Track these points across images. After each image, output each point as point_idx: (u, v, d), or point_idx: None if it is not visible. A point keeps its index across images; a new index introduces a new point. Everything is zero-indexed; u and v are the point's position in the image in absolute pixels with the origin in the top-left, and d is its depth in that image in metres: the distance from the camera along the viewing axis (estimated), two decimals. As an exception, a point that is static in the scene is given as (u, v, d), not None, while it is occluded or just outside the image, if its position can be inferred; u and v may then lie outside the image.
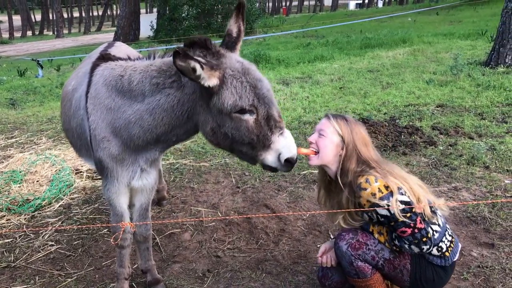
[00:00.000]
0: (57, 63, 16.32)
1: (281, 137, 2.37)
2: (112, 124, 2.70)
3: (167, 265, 3.62)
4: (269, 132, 2.35)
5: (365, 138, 2.70)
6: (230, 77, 2.32)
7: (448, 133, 5.86)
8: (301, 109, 7.57)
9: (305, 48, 15.41)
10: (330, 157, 2.66)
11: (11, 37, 48.46)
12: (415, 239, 2.46)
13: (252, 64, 2.46)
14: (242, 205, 4.51)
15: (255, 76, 2.37)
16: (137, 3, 27.32)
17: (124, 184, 2.90)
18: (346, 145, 2.63)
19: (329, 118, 2.72)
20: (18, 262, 3.75)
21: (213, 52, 2.39)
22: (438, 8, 29.75)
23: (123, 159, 2.78)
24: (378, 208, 2.46)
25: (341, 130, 2.65)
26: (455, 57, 8.98)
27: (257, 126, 2.34)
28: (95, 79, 2.83)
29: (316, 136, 2.71)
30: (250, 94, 2.31)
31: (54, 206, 4.73)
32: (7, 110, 9.28)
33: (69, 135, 3.48)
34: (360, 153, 2.63)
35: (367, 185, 2.48)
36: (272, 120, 2.35)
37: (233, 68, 2.35)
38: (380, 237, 2.62)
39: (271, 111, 2.35)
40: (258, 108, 2.33)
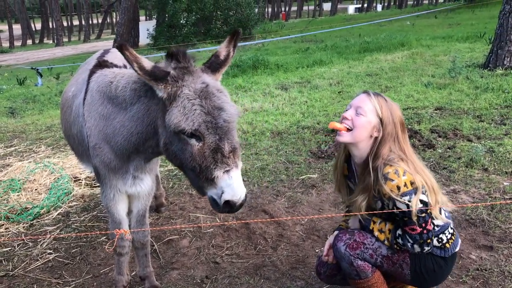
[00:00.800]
0: (57, 71, 16.38)
1: (226, 175, 2.17)
2: (104, 131, 2.70)
3: (165, 272, 3.61)
4: (213, 166, 2.18)
5: (403, 121, 2.57)
6: (184, 95, 2.21)
7: (447, 136, 5.85)
8: (299, 113, 7.58)
9: (304, 53, 15.45)
10: (363, 137, 2.52)
11: (11, 46, 48.63)
12: (421, 239, 2.46)
13: (222, 91, 2.31)
14: (240, 211, 4.48)
15: (215, 104, 2.22)
16: (136, 11, 27.45)
17: (120, 191, 2.90)
18: (384, 127, 2.49)
19: (369, 94, 2.55)
20: (16, 271, 3.74)
21: (180, 67, 2.31)
22: (436, 11, 29.86)
23: (116, 167, 2.78)
24: (400, 200, 2.40)
25: (382, 111, 2.50)
26: (453, 59, 8.99)
27: (201, 155, 2.20)
28: (90, 86, 2.85)
29: (353, 113, 2.54)
30: (197, 118, 2.16)
31: (53, 214, 4.73)
32: (7, 119, 9.30)
33: (70, 141, 3.51)
34: (397, 138, 2.51)
35: (395, 176, 2.39)
36: (219, 153, 2.18)
37: (191, 88, 2.23)
38: (381, 235, 2.60)
39: (221, 144, 2.18)
40: (205, 136, 2.18)
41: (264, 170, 5.38)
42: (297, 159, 5.59)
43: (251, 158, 5.80)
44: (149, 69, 2.24)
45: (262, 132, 6.78)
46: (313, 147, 5.94)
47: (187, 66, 2.32)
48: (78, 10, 76.54)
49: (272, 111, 7.92)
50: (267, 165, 5.52)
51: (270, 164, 5.53)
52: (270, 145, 6.21)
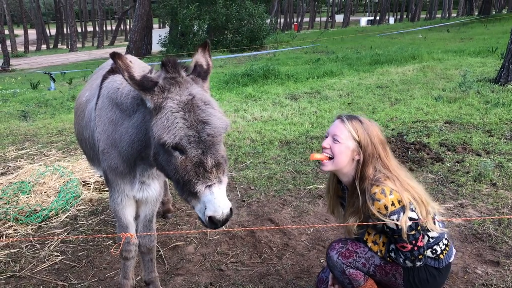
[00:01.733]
0: (70, 77, 16.57)
1: (207, 190, 2.15)
2: (112, 137, 2.74)
3: (170, 278, 3.63)
4: (195, 180, 2.15)
5: (383, 140, 2.61)
6: (168, 107, 2.19)
7: (456, 150, 5.83)
8: (308, 124, 7.60)
9: (315, 64, 15.48)
10: (345, 162, 2.57)
11: (26, 50, 49.27)
12: (412, 255, 2.48)
13: (208, 104, 2.26)
14: (246, 219, 4.51)
15: (199, 117, 2.18)
16: (150, 18, 27.73)
17: (128, 196, 2.94)
18: (363, 150, 2.54)
19: (343, 120, 2.60)
20: (23, 272, 3.78)
21: (168, 77, 2.29)
22: (449, 25, 29.79)
23: (123, 172, 2.81)
24: (387, 220, 2.43)
25: (358, 134, 2.54)
26: (464, 73, 8.97)
27: (183, 168, 2.17)
28: (102, 91, 2.90)
29: (330, 141, 2.60)
30: (179, 132, 2.14)
31: (61, 217, 4.78)
32: (19, 122, 9.41)
33: (82, 145, 3.57)
34: (380, 157, 2.55)
35: (382, 196, 2.43)
36: (201, 168, 2.15)
37: (176, 100, 2.21)
38: (374, 247, 2.63)
39: (203, 158, 2.16)
40: (187, 150, 2.15)
41: (272, 179, 5.39)
42: (305, 169, 5.60)
43: (259, 166, 5.82)
44: (138, 78, 2.25)
45: (271, 141, 6.80)
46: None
47: (174, 76, 2.28)
48: (92, 16, 77.41)
49: (281, 120, 7.95)
50: (275, 174, 5.53)
51: (278, 173, 5.54)
52: (278, 154, 6.23)
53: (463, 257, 3.61)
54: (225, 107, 9.39)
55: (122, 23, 68.88)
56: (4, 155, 7.01)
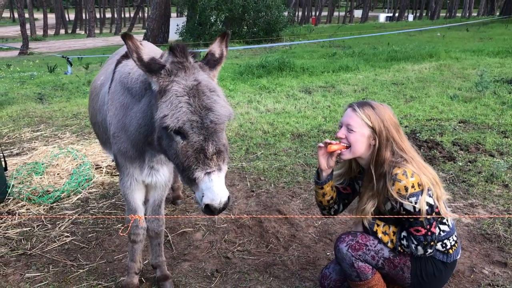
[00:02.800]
0: (86, 61, 16.69)
1: (206, 177, 2.13)
2: (122, 121, 2.76)
3: (177, 263, 3.67)
4: (195, 166, 2.14)
5: (396, 122, 2.64)
6: (173, 91, 2.19)
7: (469, 150, 5.79)
8: (321, 117, 7.58)
9: (331, 58, 15.40)
10: (363, 149, 2.61)
11: (45, 34, 49.72)
12: (425, 240, 2.50)
13: (215, 92, 2.25)
14: (255, 209, 4.54)
15: (204, 103, 2.18)
16: (168, 7, 27.72)
17: (137, 180, 2.97)
18: (378, 135, 2.57)
19: (354, 109, 2.62)
20: (34, 251, 3.85)
21: (175, 61, 2.28)
22: (469, 24, 29.37)
23: (132, 156, 2.83)
24: (406, 202, 2.46)
25: (371, 121, 2.57)
26: (481, 73, 8.86)
27: (184, 153, 2.17)
28: (115, 76, 2.92)
29: (345, 131, 2.63)
30: (182, 116, 2.13)
31: (72, 199, 4.85)
32: (35, 104, 9.53)
33: (95, 128, 3.61)
34: (394, 140, 2.57)
35: (404, 177, 2.46)
36: (202, 154, 2.15)
37: (182, 85, 2.21)
38: (385, 237, 2.63)
39: (204, 145, 2.15)
40: (189, 135, 2.15)
41: (282, 171, 5.41)
42: (316, 162, 5.60)
43: (269, 158, 5.83)
44: (146, 60, 2.25)
45: (283, 133, 6.80)
46: (332, 152, 5.93)
47: (182, 61, 2.28)
48: (111, 3, 77.76)
49: (294, 113, 7.94)
50: (285, 166, 5.54)
51: (288, 165, 5.55)
52: (289, 146, 6.23)
53: (470, 256, 3.59)
54: (238, 97, 9.40)
55: (140, 10, 69.07)
56: (19, 136, 7.11)
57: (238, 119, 7.59)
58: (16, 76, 14.00)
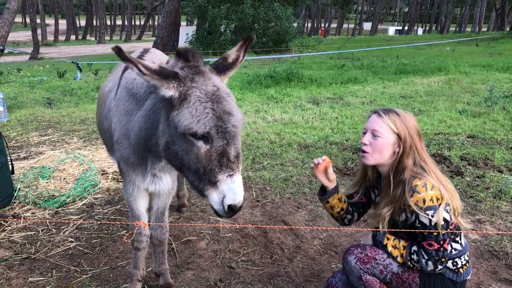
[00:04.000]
0: (96, 68, 16.83)
1: (229, 179, 2.18)
2: (126, 127, 2.75)
3: (181, 271, 3.65)
4: (218, 169, 2.17)
5: (419, 131, 2.62)
6: (196, 97, 2.18)
7: (477, 165, 5.74)
8: (329, 129, 7.56)
9: (339, 70, 15.41)
10: (388, 156, 2.58)
11: (56, 40, 50.28)
12: (437, 255, 2.46)
13: (230, 96, 2.29)
14: (260, 219, 4.52)
15: (225, 108, 2.20)
16: (178, 15, 27.92)
17: (139, 188, 2.96)
18: (403, 142, 2.54)
19: (380, 115, 2.59)
20: (38, 255, 3.85)
21: (190, 66, 2.26)
22: (478, 39, 29.34)
23: (134, 162, 2.82)
24: (422, 214, 2.43)
25: (397, 127, 2.54)
26: (491, 89, 8.82)
27: (207, 157, 2.18)
28: (121, 82, 2.93)
29: (370, 137, 2.59)
30: (209, 122, 2.14)
31: (78, 204, 4.85)
32: (44, 109, 9.59)
33: (102, 135, 3.62)
34: (417, 149, 2.55)
35: (423, 189, 2.43)
36: (225, 157, 2.18)
37: (203, 90, 2.21)
38: (394, 251, 2.59)
39: (227, 148, 2.19)
40: (214, 140, 2.17)
41: (288, 182, 5.38)
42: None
43: (275, 168, 5.82)
44: (157, 68, 2.21)
45: (290, 143, 6.79)
46: (340, 163, 5.91)
47: (197, 65, 2.27)
48: (122, 10, 78.54)
49: (301, 124, 7.93)
50: (291, 176, 5.52)
51: (294, 176, 5.53)
52: (296, 157, 6.22)
53: (477, 273, 3.54)
54: (246, 107, 9.41)
55: (150, 18, 69.70)
56: (27, 140, 7.15)
57: (245, 129, 7.59)
58: (26, 80, 14.12)
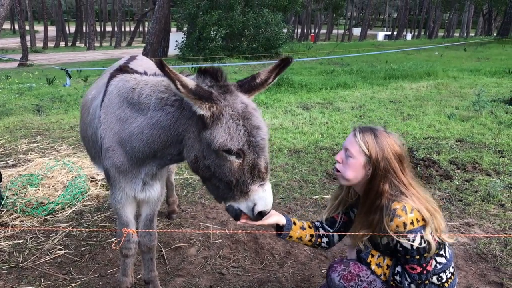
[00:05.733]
0: (85, 74, 16.72)
1: (260, 188, 2.31)
2: (118, 135, 2.74)
3: (171, 278, 3.63)
4: (250, 180, 2.29)
5: (400, 153, 2.50)
6: (228, 115, 2.27)
7: (465, 169, 5.79)
8: (319, 134, 7.59)
9: (329, 75, 15.49)
10: (357, 177, 2.52)
11: (45, 46, 49.93)
12: (420, 279, 2.44)
13: (257, 110, 2.39)
14: (250, 225, 4.49)
15: (254, 123, 2.31)
16: (168, 22, 27.93)
17: (129, 195, 2.95)
18: (373, 165, 2.46)
19: (355, 134, 2.54)
20: (26, 263, 3.81)
21: (220, 85, 2.35)
22: (466, 44, 29.65)
23: (126, 170, 2.81)
24: (403, 240, 2.38)
25: (368, 149, 2.47)
26: (478, 93, 8.91)
27: (240, 170, 2.29)
28: (109, 89, 2.90)
29: (343, 155, 2.57)
30: (242, 138, 2.26)
31: (67, 211, 4.81)
32: (33, 116, 9.52)
33: (85, 142, 3.58)
34: (395, 172, 2.46)
35: (403, 213, 2.37)
36: (257, 169, 2.30)
37: (234, 109, 2.30)
38: (378, 269, 2.57)
39: (258, 161, 2.30)
40: (246, 154, 2.27)
41: (278, 187, 5.39)
42: (312, 179, 5.59)
43: (266, 173, 5.81)
44: (193, 88, 2.26)
45: (280, 149, 6.80)
46: (329, 168, 5.93)
47: (226, 85, 2.37)
48: (112, 16, 78.32)
49: (291, 129, 7.95)
50: (282, 181, 5.53)
51: (285, 181, 5.54)
52: (286, 162, 6.22)
53: (466, 276, 3.57)
54: (236, 112, 9.40)
55: (140, 24, 69.60)
56: (15, 147, 7.09)
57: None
58: (14, 87, 14.00)
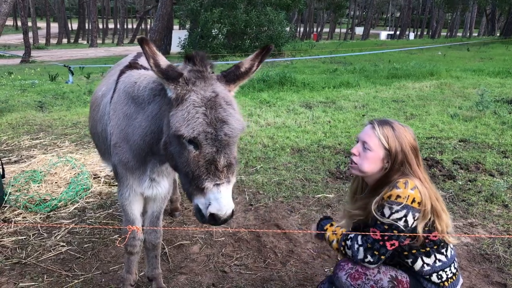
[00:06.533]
0: (88, 71, 16.75)
1: (215, 188, 2.15)
2: (125, 131, 2.74)
3: (173, 276, 3.63)
4: (205, 176, 2.15)
5: (415, 146, 2.51)
6: (191, 101, 2.19)
7: (469, 169, 5.77)
8: (321, 133, 7.58)
9: (332, 74, 15.47)
10: (374, 170, 2.52)
11: (48, 43, 49.99)
12: (372, 245, 2.45)
13: (230, 104, 2.25)
14: (253, 223, 4.50)
15: (220, 116, 2.18)
16: (171, 19, 27.92)
17: (136, 192, 2.94)
18: (393, 158, 2.45)
19: (373, 127, 2.51)
20: (29, 260, 3.81)
21: (195, 70, 2.28)
22: (469, 44, 29.58)
23: (133, 167, 2.80)
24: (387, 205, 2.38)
25: (388, 142, 2.46)
26: (482, 93, 8.89)
27: (195, 163, 2.17)
28: (118, 86, 2.91)
29: (361, 148, 2.53)
30: (198, 127, 2.13)
31: (70, 208, 4.81)
32: (35, 112, 9.53)
33: (95, 139, 3.59)
34: (410, 165, 2.46)
35: (403, 186, 2.37)
36: (213, 166, 2.15)
37: (200, 95, 2.21)
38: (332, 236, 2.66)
39: (217, 157, 2.16)
40: (202, 146, 2.15)
41: (281, 185, 5.38)
42: (315, 178, 5.58)
43: (268, 172, 5.81)
44: (163, 67, 2.24)
45: (282, 147, 6.79)
46: (332, 167, 5.92)
47: (201, 70, 2.28)
48: (114, 14, 78.35)
49: (294, 127, 7.94)
50: (284, 180, 5.52)
51: (287, 180, 5.53)
52: (289, 161, 6.22)
53: (469, 276, 3.56)
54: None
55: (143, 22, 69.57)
56: (18, 144, 7.09)
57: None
58: (17, 84, 14.02)
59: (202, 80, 2.26)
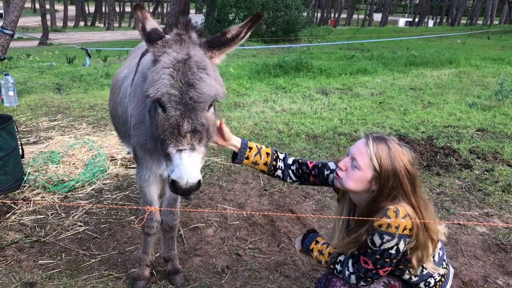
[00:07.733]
0: (105, 54, 16.82)
1: (177, 154, 2.10)
2: (143, 112, 2.75)
3: (188, 257, 3.68)
4: (169, 141, 2.11)
5: (412, 172, 2.25)
6: (161, 62, 2.16)
7: (486, 158, 5.71)
8: (337, 119, 7.54)
9: (349, 60, 15.33)
10: (359, 189, 2.32)
11: (65, 26, 50.32)
12: (365, 274, 2.32)
13: (204, 70, 2.17)
14: (267, 208, 4.53)
15: (187, 79, 2.12)
16: (187, 3, 27.74)
17: (155, 174, 2.97)
18: (382, 182, 2.23)
19: (367, 144, 2.27)
20: (47, 238, 3.89)
21: (176, 33, 2.25)
22: (490, 32, 29.03)
23: (150, 149, 2.81)
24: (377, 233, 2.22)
25: (380, 164, 2.23)
26: (502, 82, 8.75)
27: (161, 126, 2.14)
28: (139, 68, 2.93)
29: (349, 164, 2.33)
30: (162, 88, 2.09)
31: (87, 189, 4.89)
32: (53, 94, 9.63)
33: (115, 121, 3.62)
34: (404, 192, 2.23)
35: (393, 215, 2.17)
36: (176, 130, 2.10)
37: (171, 57, 2.17)
38: (320, 256, 2.53)
39: (180, 121, 2.10)
40: (167, 109, 2.11)
41: (296, 171, 5.38)
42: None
43: (284, 157, 5.81)
44: (148, 30, 2.26)
45: (298, 134, 6.78)
46: (347, 154, 5.90)
47: (181, 33, 2.24)
48: (131, -3, 78.27)
49: (310, 114, 7.92)
50: (299, 166, 5.51)
51: (302, 166, 5.52)
52: (304, 147, 6.21)
53: (484, 266, 3.55)
54: (254, 96, 9.40)
55: (159, 6, 69.48)
56: (36, 125, 7.19)
57: (253, 118, 7.59)
58: (35, 66, 14.16)
59: (178, 43, 2.23)
